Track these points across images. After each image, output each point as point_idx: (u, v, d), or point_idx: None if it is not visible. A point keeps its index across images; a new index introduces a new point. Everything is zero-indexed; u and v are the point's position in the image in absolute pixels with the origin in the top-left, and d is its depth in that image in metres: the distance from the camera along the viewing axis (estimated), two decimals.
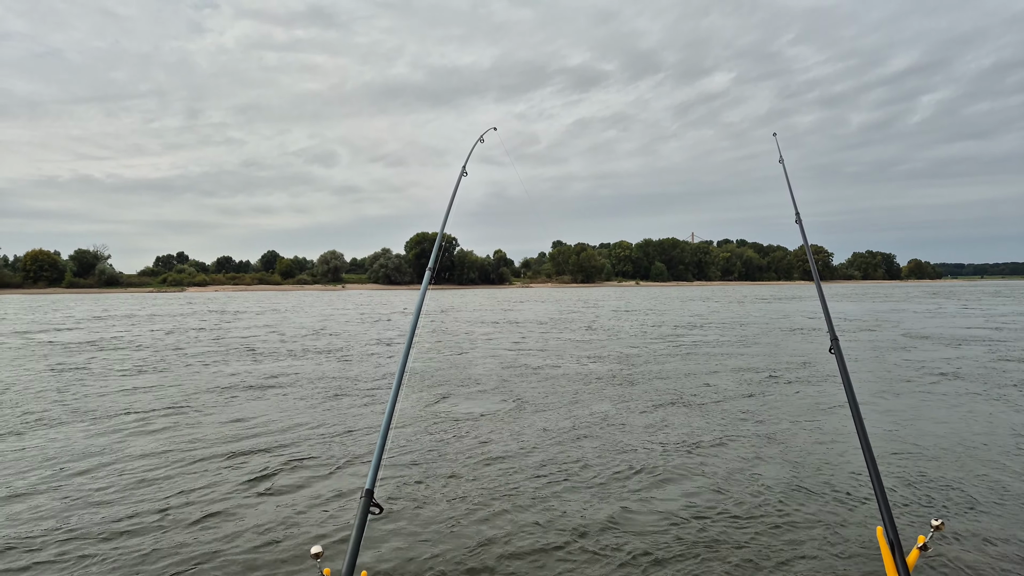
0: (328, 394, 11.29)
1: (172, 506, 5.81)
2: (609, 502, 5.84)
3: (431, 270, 3.36)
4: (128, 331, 25.98)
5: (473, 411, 9.80)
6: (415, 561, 4.73)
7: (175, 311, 43.21)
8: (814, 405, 10.02)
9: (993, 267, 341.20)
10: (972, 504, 5.72)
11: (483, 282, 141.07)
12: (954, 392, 11.10)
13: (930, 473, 6.60)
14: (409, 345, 2.87)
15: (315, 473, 6.77)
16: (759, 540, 5.01)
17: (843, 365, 2.81)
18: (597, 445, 7.77)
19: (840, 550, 4.81)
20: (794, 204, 4.12)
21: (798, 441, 7.87)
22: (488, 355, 16.95)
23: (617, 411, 9.70)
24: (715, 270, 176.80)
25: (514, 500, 5.93)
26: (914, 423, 8.80)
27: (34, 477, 6.63)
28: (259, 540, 5.08)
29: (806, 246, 3.86)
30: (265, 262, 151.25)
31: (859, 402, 2.57)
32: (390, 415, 2.57)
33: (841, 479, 6.40)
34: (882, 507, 2.16)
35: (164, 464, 7.09)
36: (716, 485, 6.28)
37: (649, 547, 4.91)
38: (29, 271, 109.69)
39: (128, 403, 10.54)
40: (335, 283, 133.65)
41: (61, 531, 5.24)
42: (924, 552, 2.15)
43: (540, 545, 4.98)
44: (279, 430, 8.64)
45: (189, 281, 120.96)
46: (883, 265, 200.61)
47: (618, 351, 17.63)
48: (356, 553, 2.08)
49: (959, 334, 21.65)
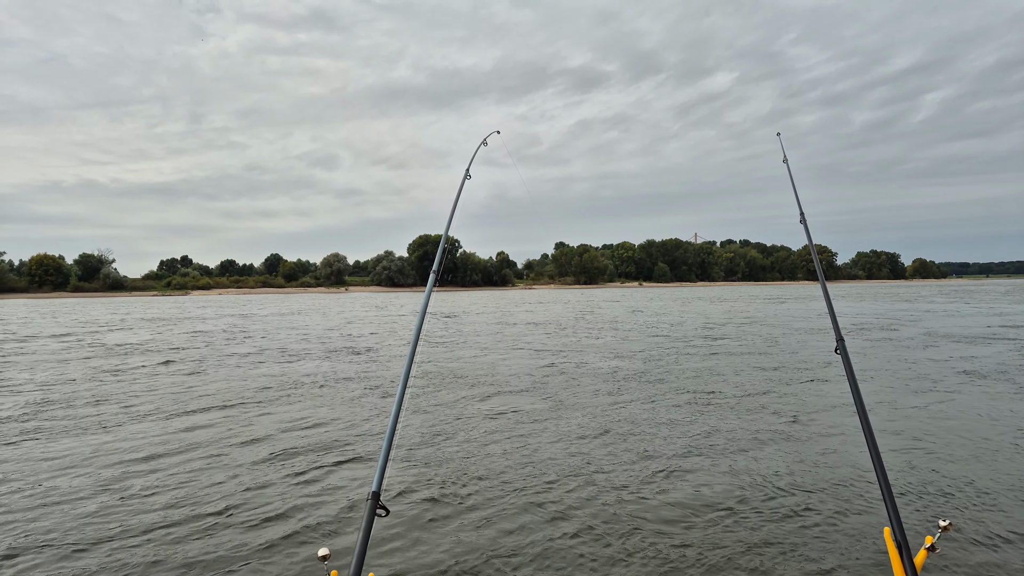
0: (345, 395, 11.31)
1: (177, 507, 5.82)
2: (619, 504, 5.83)
3: (435, 273, 3.37)
4: (161, 334, 26.08)
5: (481, 413, 9.80)
6: (422, 563, 4.74)
7: (197, 314, 43.33)
8: (822, 405, 10.00)
9: (998, 266, 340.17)
10: (980, 504, 5.70)
11: (486, 284, 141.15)
12: (964, 392, 11.06)
13: (938, 473, 6.58)
14: (414, 348, 2.89)
15: (322, 475, 6.78)
16: (764, 540, 4.99)
17: (849, 365, 2.81)
18: (605, 444, 7.76)
19: (847, 551, 4.80)
20: (799, 204, 4.11)
21: (805, 441, 7.85)
22: (499, 357, 16.96)
23: (628, 411, 9.69)
24: (718, 271, 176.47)
25: (522, 500, 5.93)
26: (922, 423, 8.77)
27: (73, 473, 6.66)
28: (266, 542, 5.09)
29: (811, 246, 3.85)
30: (268, 265, 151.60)
31: (866, 402, 2.57)
32: (395, 417, 2.58)
33: (848, 479, 6.38)
34: (889, 508, 2.15)
35: (168, 466, 7.11)
36: (721, 484, 6.27)
37: (656, 544, 4.91)
38: (34, 275, 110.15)
39: (142, 404, 10.58)
40: (338, 286, 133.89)
41: (57, 533, 5.25)
42: (932, 553, 2.14)
43: (548, 545, 4.97)
44: (286, 431, 8.66)
45: (193, 285, 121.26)
46: (887, 265, 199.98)
47: (632, 351, 17.61)
48: (363, 555, 2.09)
49: (975, 333, 21.56)
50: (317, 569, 4.63)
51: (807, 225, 4.03)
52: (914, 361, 14.95)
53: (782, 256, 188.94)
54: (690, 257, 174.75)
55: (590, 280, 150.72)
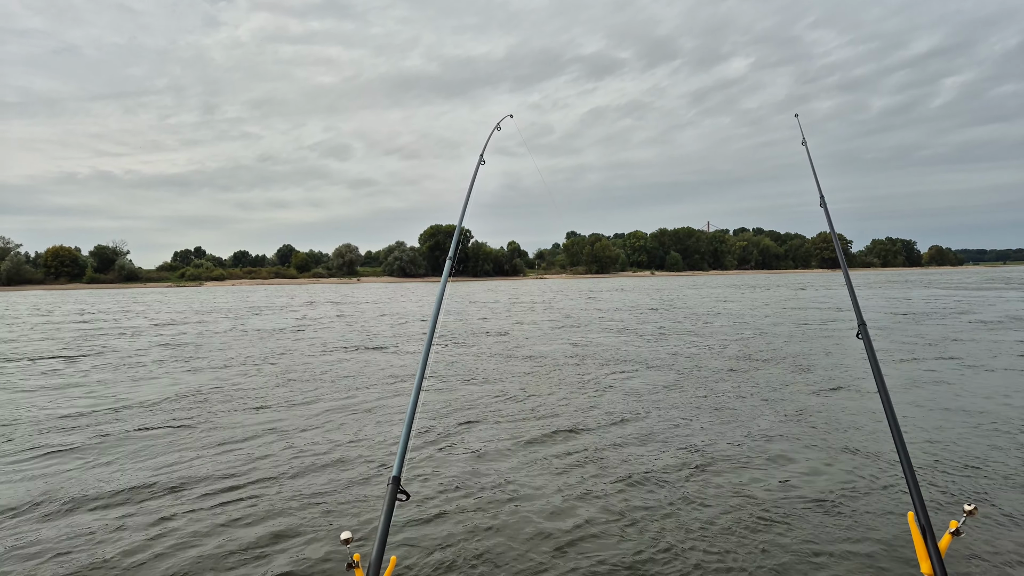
0: (372, 380, 11.38)
1: (198, 489, 5.90)
2: (642, 489, 5.84)
3: (451, 259, 3.36)
4: (206, 325, 26.35)
5: (505, 398, 9.82)
6: (444, 547, 4.77)
7: (229, 305, 43.72)
8: (846, 389, 9.93)
9: (1016, 252, 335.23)
10: (1006, 489, 5.64)
11: (497, 274, 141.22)
12: (990, 375, 10.95)
13: (963, 457, 6.52)
14: (432, 334, 2.91)
15: (344, 460, 6.84)
16: (787, 524, 4.98)
17: (871, 349, 2.80)
18: (628, 432, 7.76)
19: (871, 535, 4.77)
20: (818, 187, 4.05)
21: (827, 424, 7.81)
22: (517, 344, 16.98)
23: (652, 398, 9.67)
24: (731, 259, 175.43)
25: (543, 486, 5.95)
26: (947, 406, 8.69)
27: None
28: (289, 525, 5.15)
29: (831, 229, 3.78)
30: (281, 256, 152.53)
31: (889, 386, 2.53)
32: (415, 403, 2.60)
33: (871, 463, 6.34)
34: (913, 492, 2.14)
35: (189, 446, 7.20)
36: (743, 466, 6.26)
37: (680, 528, 4.91)
38: (50, 267, 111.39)
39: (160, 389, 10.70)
40: (350, 276, 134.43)
41: (60, 510, 5.33)
42: (957, 537, 2.12)
43: (569, 531, 4.99)
44: (310, 415, 8.75)
45: (207, 276, 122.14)
46: (903, 252, 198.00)
47: (649, 339, 17.58)
48: (385, 539, 2.10)
49: (1002, 316, 21.30)
50: (340, 552, 4.67)
51: (827, 208, 3.96)
52: (937, 343, 14.79)
53: (796, 244, 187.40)
54: (702, 246, 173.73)
55: (601, 269, 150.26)
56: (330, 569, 4.45)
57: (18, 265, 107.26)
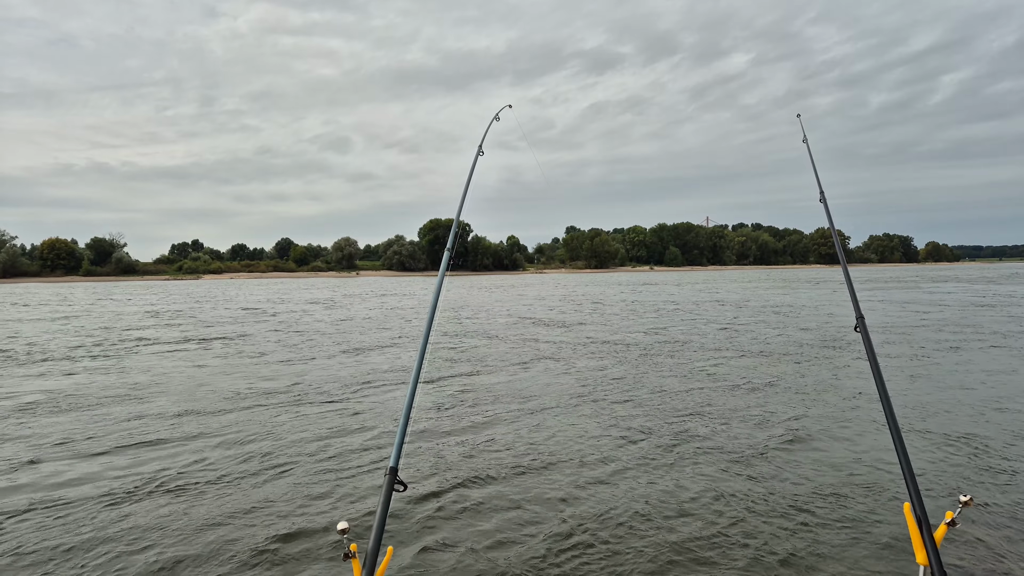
0: (367, 372, 11.40)
1: (196, 480, 5.92)
2: (635, 481, 5.87)
3: (450, 250, 3.34)
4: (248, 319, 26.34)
5: (501, 390, 9.85)
6: (440, 538, 4.79)
7: (240, 297, 43.66)
8: (843, 382, 9.97)
9: (1012, 249, 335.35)
10: (1002, 480, 5.69)
11: (497, 268, 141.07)
12: (987, 367, 11.02)
13: (959, 449, 6.57)
14: (429, 326, 2.91)
15: (341, 451, 6.86)
16: (785, 515, 5.01)
17: (868, 342, 2.80)
18: (625, 425, 7.79)
19: (866, 526, 4.80)
20: (819, 183, 4.05)
21: (824, 416, 7.84)
22: (515, 337, 16.99)
23: (649, 388, 9.70)
24: (730, 254, 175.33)
25: (540, 478, 5.98)
26: (944, 398, 8.73)
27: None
28: (287, 515, 5.17)
29: (831, 225, 3.80)
30: (279, 249, 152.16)
31: (886, 378, 2.54)
32: (412, 394, 2.60)
33: (868, 454, 6.39)
34: (909, 483, 2.15)
35: (185, 438, 7.21)
36: (739, 458, 6.29)
37: (677, 520, 4.94)
38: (47, 259, 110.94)
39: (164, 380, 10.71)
40: (349, 270, 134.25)
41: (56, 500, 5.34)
42: (952, 528, 2.13)
43: (563, 524, 5.01)
44: (308, 405, 8.77)
45: (204, 269, 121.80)
46: (900, 248, 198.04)
47: (645, 331, 17.61)
48: (382, 529, 2.11)
49: (1000, 312, 21.35)
50: (336, 542, 4.68)
51: (827, 204, 3.97)
52: (935, 337, 14.82)
53: (794, 239, 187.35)
54: (701, 241, 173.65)
55: (601, 264, 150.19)
56: (327, 558, 4.47)
57: (14, 257, 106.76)
